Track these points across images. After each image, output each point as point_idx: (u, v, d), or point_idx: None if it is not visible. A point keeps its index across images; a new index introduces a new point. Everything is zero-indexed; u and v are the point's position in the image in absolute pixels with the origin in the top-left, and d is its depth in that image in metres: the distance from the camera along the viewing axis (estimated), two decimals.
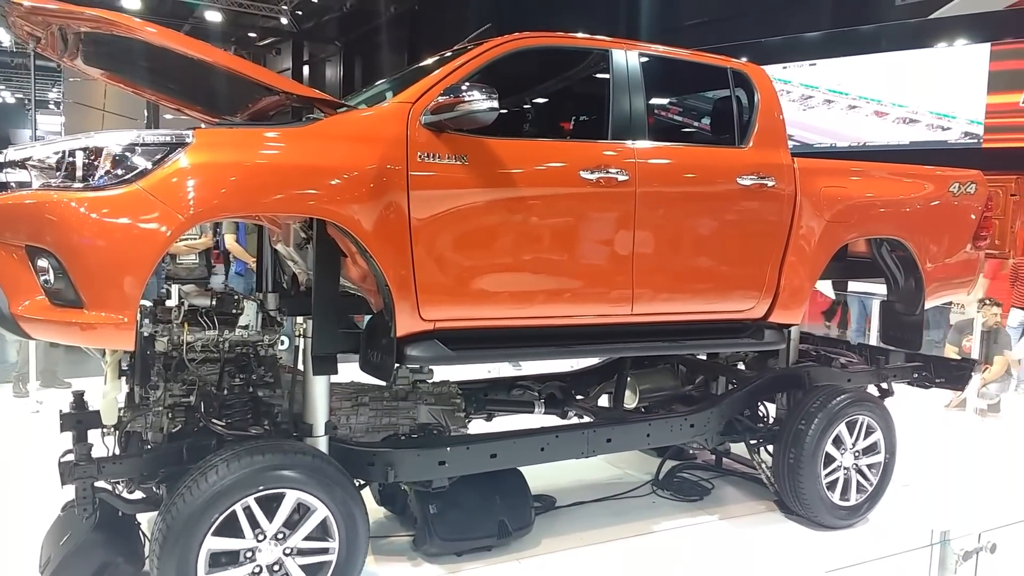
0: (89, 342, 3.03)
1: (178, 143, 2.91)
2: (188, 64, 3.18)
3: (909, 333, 5.11)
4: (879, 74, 12.64)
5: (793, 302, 4.46)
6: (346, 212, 3.13)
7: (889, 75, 12.57)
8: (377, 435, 4.07)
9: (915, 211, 4.87)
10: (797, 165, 4.39)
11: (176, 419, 3.51)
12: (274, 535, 3.25)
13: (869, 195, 4.72)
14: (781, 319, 4.47)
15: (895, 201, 4.81)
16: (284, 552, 3.28)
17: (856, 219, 4.63)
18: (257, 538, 3.22)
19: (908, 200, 4.86)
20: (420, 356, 3.45)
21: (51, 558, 3.44)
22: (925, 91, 12.25)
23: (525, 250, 3.62)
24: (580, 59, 4.33)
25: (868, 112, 12.85)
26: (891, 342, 5.32)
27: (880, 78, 12.64)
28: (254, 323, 3.68)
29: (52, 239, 2.77)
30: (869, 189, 4.75)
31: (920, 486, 5.43)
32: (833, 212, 4.49)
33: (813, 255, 4.47)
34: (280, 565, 3.28)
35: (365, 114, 3.48)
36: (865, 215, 4.67)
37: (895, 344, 5.30)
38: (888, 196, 4.80)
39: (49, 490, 3.70)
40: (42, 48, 3.61)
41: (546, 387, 5.07)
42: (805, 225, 4.40)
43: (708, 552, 4.35)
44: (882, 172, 4.94)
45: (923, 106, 12.26)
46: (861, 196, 4.67)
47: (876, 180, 4.85)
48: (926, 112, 12.24)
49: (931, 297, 5.01)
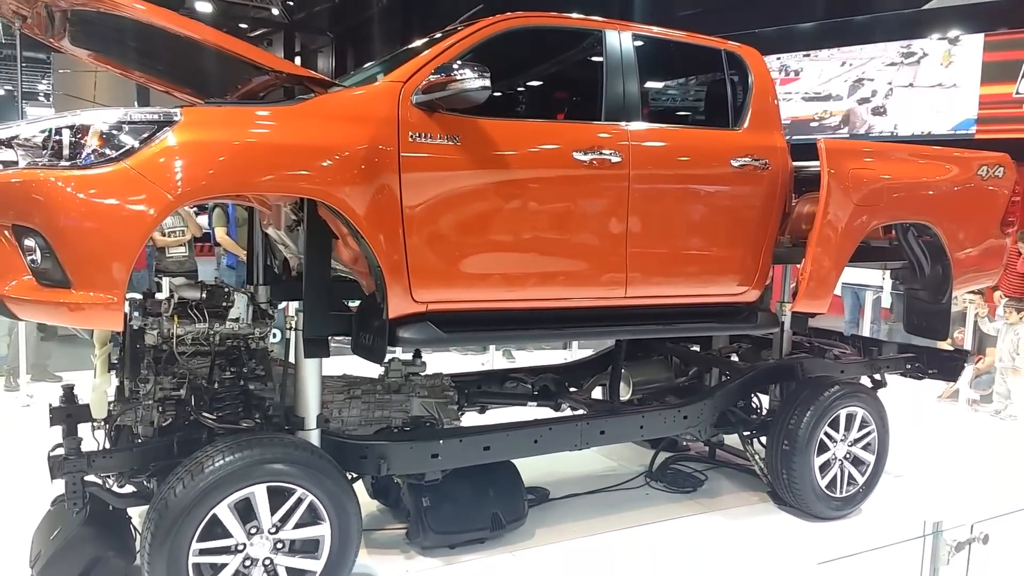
0: (78, 323, 3.00)
1: (166, 121, 2.87)
2: (177, 44, 3.14)
3: (935, 322, 4.97)
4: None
5: (820, 291, 4.32)
6: (337, 192, 3.10)
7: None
8: (370, 428, 4.05)
9: (943, 194, 4.72)
10: (824, 145, 4.24)
11: (166, 413, 3.48)
12: (266, 529, 3.23)
13: (897, 177, 4.55)
14: (806, 308, 4.35)
15: (923, 184, 4.67)
16: (275, 546, 3.26)
17: (885, 202, 4.45)
18: (248, 532, 3.20)
19: (936, 183, 4.72)
20: (413, 338, 3.43)
21: (41, 552, 3.42)
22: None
23: (518, 231, 3.60)
24: (573, 39, 4.29)
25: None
26: (916, 332, 5.19)
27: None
28: (245, 316, 3.65)
29: (39, 218, 2.74)
30: (897, 171, 4.58)
31: (913, 477, 5.45)
32: (861, 195, 4.34)
33: (840, 241, 4.33)
34: (271, 559, 3.27)
35: (356, 93, 3.44)
36: (894, 198, 4.49)
37: (920, 334, 5.17)
38: (916, 178, 4.65)
39: (39, 484, 3.67)
40: (28, 28, 3.54)
41: (539, 379, 5.06)
42: (833, 210, 4.24)
43: (701, 543, 4.36)
44: (903, 153, 4.83)
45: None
46: (890, 178, 4.50)
47: (902, 162, 4.71)
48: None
49: (958, 285, 4.88)
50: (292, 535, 3.31)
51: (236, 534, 3.18)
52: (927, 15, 12.34)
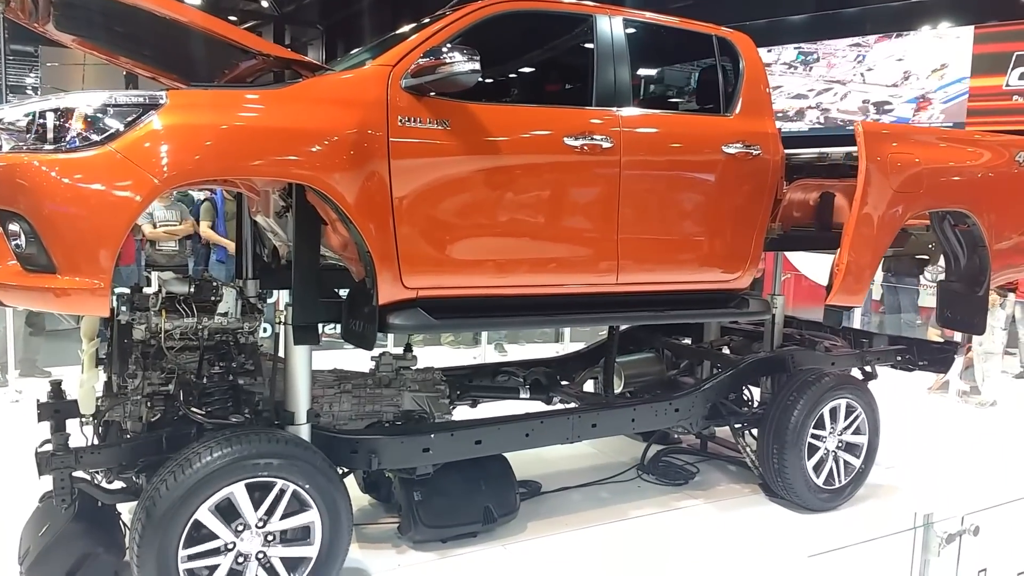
0: (64, 308, 2.97)
1: (151, 104, 2.84)
2: (163, 27, 3.10)
3: (971, 315, 4.79)
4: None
5: (857, 283, 4.20)
6: (325, 177, 3.07)
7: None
8: (361, 422, 4.03)
9: (981, 180, 4.56)
10: (862, 128, 4.09)
11: (155, 408, 3.46)
12: (255, 524, 3.21)
13: (937, 162, 4.39)
14: (843, 302, 4.24)
15: (962, 169, 4.52)
16: (265, 540, 3.24)
17: (925, 189, 4.28)
18: (237, 527, 3.18)
19: (974, 168, 4.57)
20: (403, 324, 3.42)
21: (30, 549, 3.40)
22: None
23: (508, 217, 3.59)
24: (563, 24, 4.27)
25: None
26: (950, 325, 5.04)
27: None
28: (234, 310, 3.63)
29: (23, 202, 2.71)
30: (935, 155, 4.42)
31: (903, 469, 5.47)
32: (901, 180, 4.18)
33: (879, 230, 4.18)
34: (262, 554, 3.25)
35: (345, 77, 3.41)
36: (934, 184, 4.33)
37: (955, 327, 5.01)
38: (954, 163, 4.52)
39: (28, 481, 3.65)
40: (11, 12, 3.50)
41: (531, 373, 5.05)
42: (872, 196, 4.07)
43: (693, 536, 4.36)
44: (939, 137, 4.65)
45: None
46: (929, 163, 4.32)
47: (939, 146, 4.57)
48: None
49: (996, 275, 4.72)
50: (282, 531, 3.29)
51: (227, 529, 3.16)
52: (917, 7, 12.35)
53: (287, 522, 3.29)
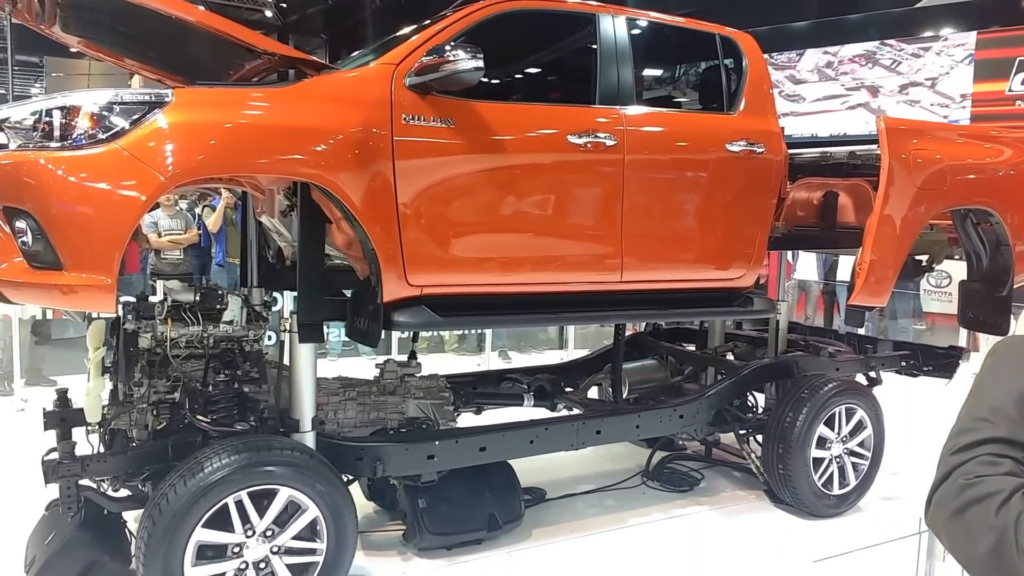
0: (70, 305, 2.98)
1: (157, 102, 2.86)
2: (169, 28, 3.13)
3: (995, 315, 4.67)
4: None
5: (881, 283, 4.13)
6: (330, 175, 3.08)
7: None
8: (365, 430, 4.04)
9: (1003, 178, 4.49)
10: (884, 124, 4.03)
11: (161, 416, 3.47)
12: (262, 532, 3.22)
13: (960, 159, 4.32)
14: (865, 302, 4.20)
15: (984, 166, 4.46)
16: (272, 549, 3.25)
17: (949, 186, 4.20)
18: (245, 535, 3.19)
19: (996, 165, 4.51)
20: (407, 322, 3.43)
21: (36, 557, 3.40)
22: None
23: (513, 215, 3.60)
24: (567, 23, 4.29)
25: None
26: (971, 326, 4.95)
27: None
28: (239, 318, 3.64)
29: (29, 200, 2.73)
30: (958, 152, 4.36)
31: (908, 474, 5.45)
32: (925, 178, 4.10)
33: (902, 229, 4.11)
34: (267, 562, 3.26)
35: (349, 75, 3.43)
36: (957, 181, 4.25)
37: (978, 328, 4.92)
38: (976, 160, 4.45)
39: (34, 489, 3.66)
40: (18, 14, 3.52)
41: (535, 379, 5.05)
42: (895, 194, 3.98)
43: (698, 542, 4.36)
44: (961, 134, 4.59)
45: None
46: (953, 159, 4.24)
47: (962, 143, 4.52)
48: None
49: (1020, 274, 4.63)
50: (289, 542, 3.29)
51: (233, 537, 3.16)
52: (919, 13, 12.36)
53: (292, 529, 3.29)
